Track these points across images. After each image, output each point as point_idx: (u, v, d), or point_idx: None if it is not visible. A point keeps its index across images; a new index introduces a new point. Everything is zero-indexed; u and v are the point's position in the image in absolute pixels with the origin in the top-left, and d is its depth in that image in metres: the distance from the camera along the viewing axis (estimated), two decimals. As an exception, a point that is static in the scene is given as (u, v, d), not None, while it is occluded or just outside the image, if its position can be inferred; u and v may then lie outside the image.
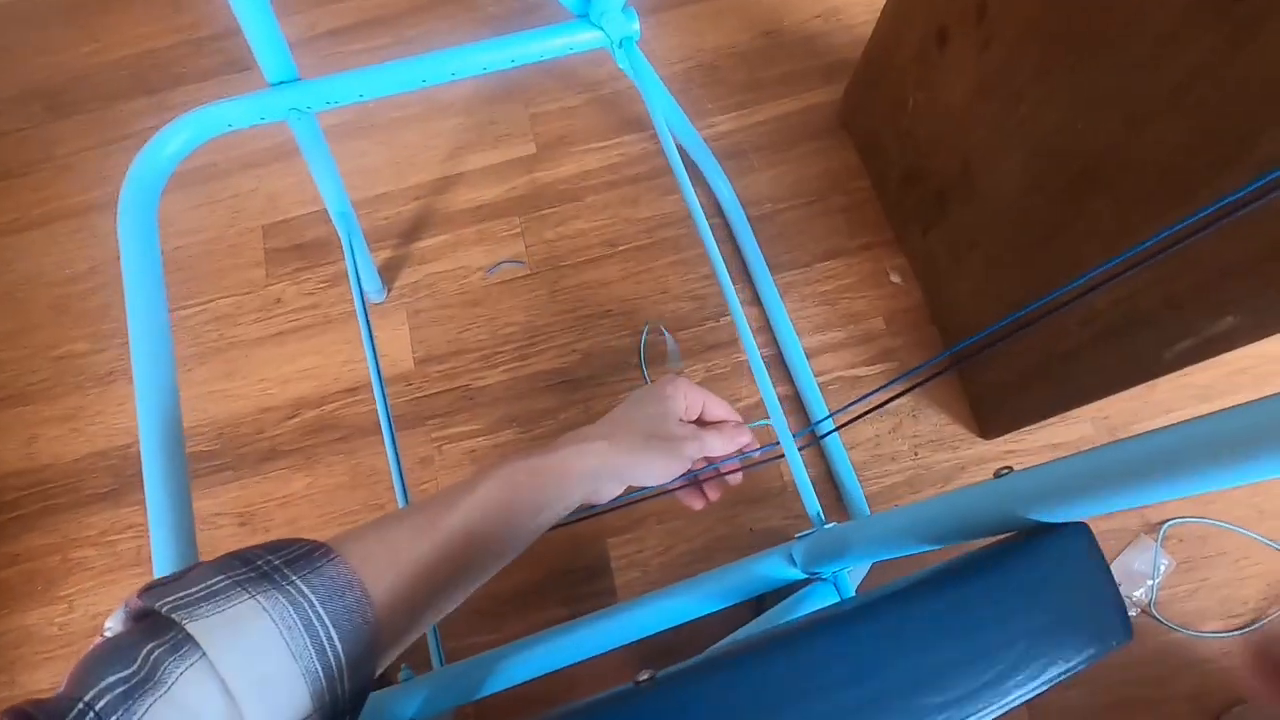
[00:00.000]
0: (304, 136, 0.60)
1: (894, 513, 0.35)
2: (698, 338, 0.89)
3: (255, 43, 0.50)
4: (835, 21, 1.04)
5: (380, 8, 1.09)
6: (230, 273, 0.96)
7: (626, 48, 0.58)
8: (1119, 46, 0.52)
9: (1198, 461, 0.21)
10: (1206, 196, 0.49)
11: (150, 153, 0.50)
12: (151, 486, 0.43)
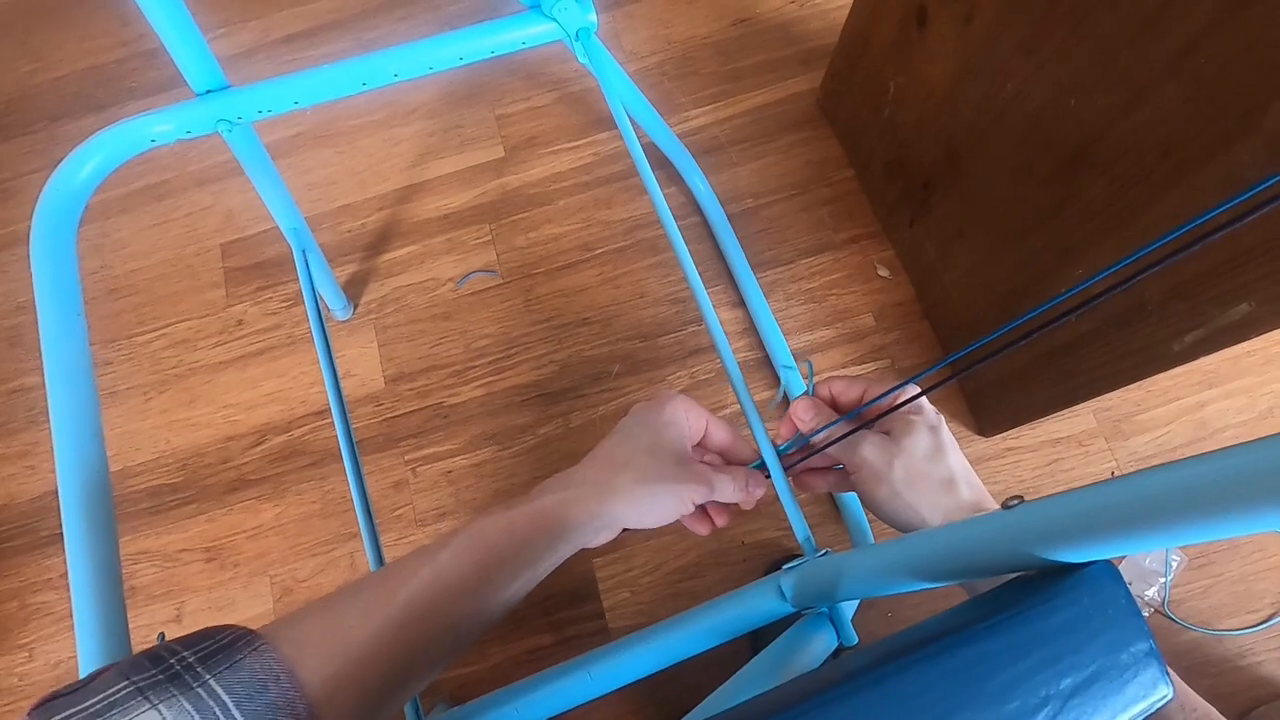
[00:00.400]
0: (241, 149, 0.56)
1: (890, 545, 0.32)
2: (680, 342, 0.85)
3: (172, 47, 0.46)
4: (810, 7, 1.00)
5: (336, 11, 1.04)
6: (188, 295, 0.91)
7: (584, 39, 0.54)
8: (1113, 14, 0.48)
9: (1240, 497, 0.18)
10: (1213, 173, 0.46)
11: (63, 176, 0.46)
12: (73, 547, 0.39)
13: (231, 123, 0.50)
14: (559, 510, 0.35)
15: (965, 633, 0.24)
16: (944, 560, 0.28)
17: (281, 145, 0.97)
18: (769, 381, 0.83)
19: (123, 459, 0.85)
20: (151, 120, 0.48)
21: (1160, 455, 0.78)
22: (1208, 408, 0.78)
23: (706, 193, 0.86)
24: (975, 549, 0.27)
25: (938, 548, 0.29)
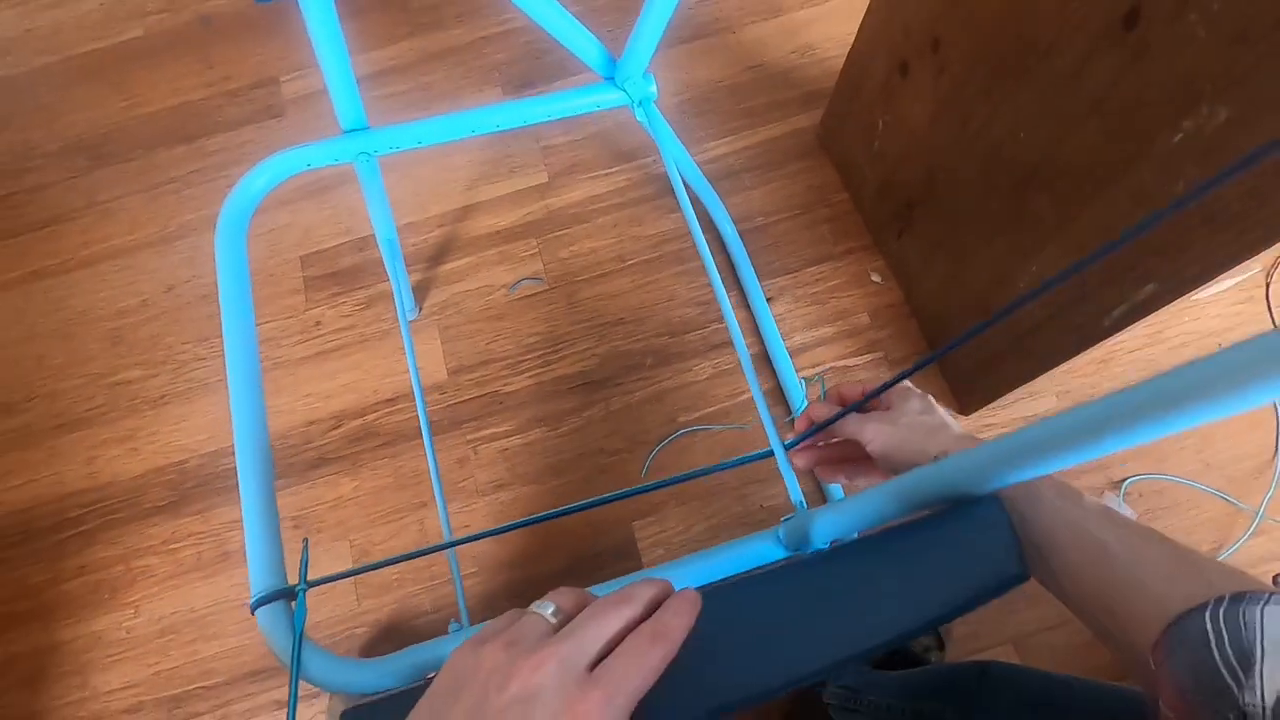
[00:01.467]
0: (366, 175, 0.70)
1: (857, 496, 0.42)
2: (704, 339, 0.99)
3: (336, 96, 0.60)
4: (810, 56, 1.17)
5: (394, 58, 1.20)
6: (272, 300, 1.04)
7: (645, 106, 0.69)
8: (1046, 67, 0.64)
9: (1077, 439, 0.27)
10: (1125, 186, 0.61)
11: (242, 187, 0.60)
12: (245, 485, 0.50)
13: (369, 155, 0.64)
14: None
15: (892, 536, 0.36)
16: (894, 502, 0.38)
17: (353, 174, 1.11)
18: (772, 370, 0.96)
19: (215, 441, 0.98)
20: (309, 150, 0.62)
21: (1113, 430, 0.91)
22: (1151, 390, 0.93)
23: (724, 216, 1.01)
24: (914, 492, 0.37)
25: (890, 493, 0.39)
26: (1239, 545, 0.84)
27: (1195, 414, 0.23)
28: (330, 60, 0.56)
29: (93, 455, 0.98)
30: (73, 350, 1.04)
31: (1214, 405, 0.22)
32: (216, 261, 0.58)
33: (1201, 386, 0.23)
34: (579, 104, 0.67)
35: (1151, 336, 0.94)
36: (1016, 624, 0.83)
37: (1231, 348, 0.22)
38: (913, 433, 0.45)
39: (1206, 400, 0.22)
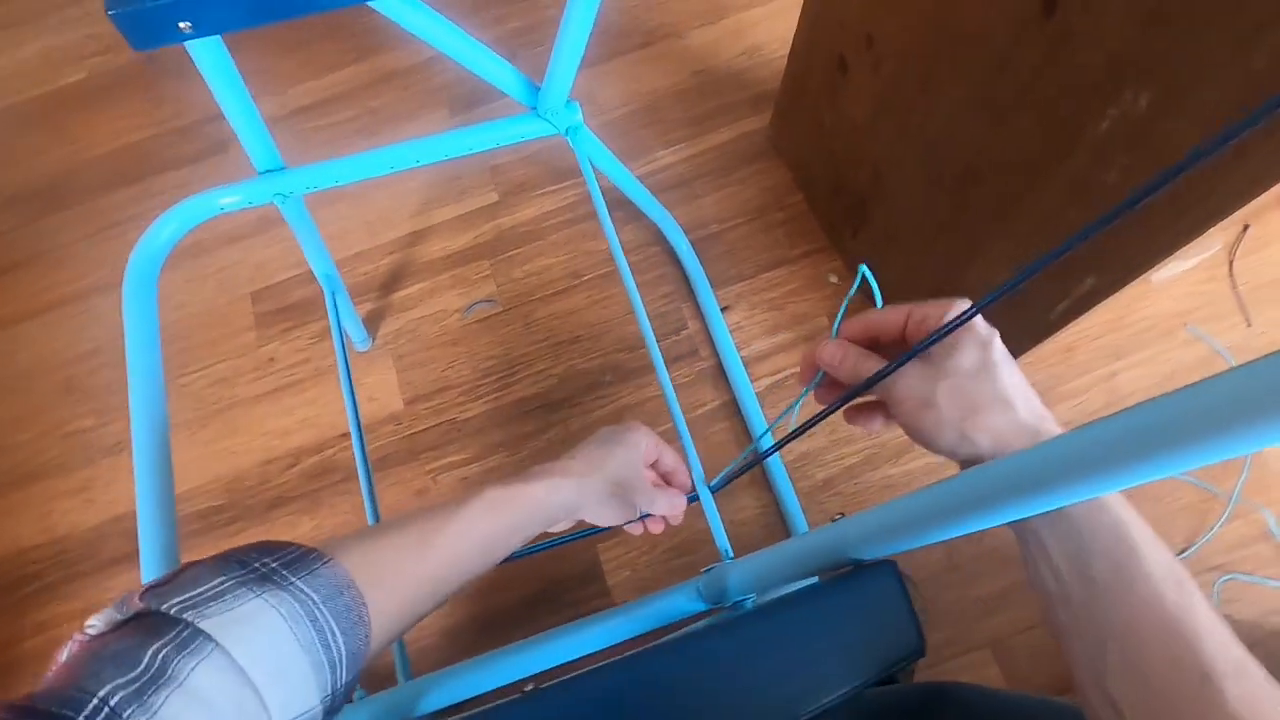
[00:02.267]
0: (290, 214, 0.68)
1: (760, 555, 0.41)
2: (663, 351, 0.96)
3: (245, 140, 0.58)
4: (757, 57, 1.15)
5: (342, 84, 1.18)
6: (225, 339, 1.03)
7: (573, 135, 0.67)
8: (975, 58, 0.62)
9: (971, 508, 0.27)
10: (1060, 176, 0.59)
11: (150, 237, 0.58)
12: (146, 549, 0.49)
13: (285, 196, 0.62)
14: (547, 491, 0.44)
15: (784, 607, 0.34)
16: (792, 565, 0.37)
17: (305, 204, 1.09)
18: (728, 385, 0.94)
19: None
20: (221, 193, 0.61)
21: (1081, 419, 0.88)
22: (1118, 376, 0.91)
23: (673, 228, 0.99)
24: (809, 556, 0.36)
25: (786, 556, 0.38)
26: (1214, 532, 0.82)
27: (1131, 471, 0.21)
28: (231, 103, 0.55)
29: (48, 509, 0.96)
30: (25, 403, 1.02)
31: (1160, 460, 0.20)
32: (124, 318, 0.56)
33: (1117, 445, 0.22)
34: (503, 136, 0.66)
35: (1114, 322, 0.93)
36: (993, 627, 0.81)
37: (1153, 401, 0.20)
38: (960, 410, 0.33)
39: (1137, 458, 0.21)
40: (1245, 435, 0.16)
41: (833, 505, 0.88)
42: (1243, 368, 0.16)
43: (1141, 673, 0.26)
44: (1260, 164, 0.44)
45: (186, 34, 0.47)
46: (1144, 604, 0.27)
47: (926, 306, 0.36)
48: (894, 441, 0.90)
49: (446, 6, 1.22)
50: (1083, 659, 0.28)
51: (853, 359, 0.37)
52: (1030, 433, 0.33)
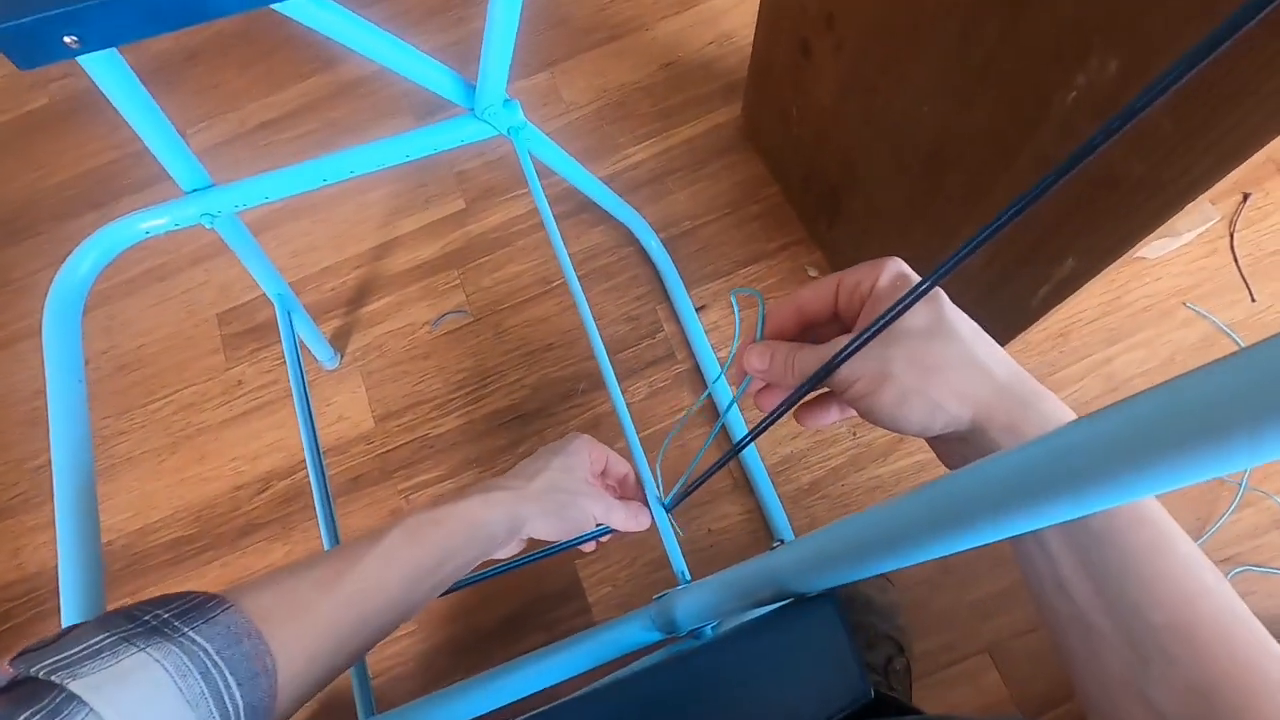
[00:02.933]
0: (227, 234, 0.65)
1: (706, 583, 0.38)
2: (637, 356, 0.93)
3: (163, 159, 0.55)
4: (727, 45, 1.11)
5: (303, 96, 1.15)
6: (191, 363, 1.00)
7: (515, 135, 0.63)
8: (935, 35, 0.58)
9: (949, 523, 0.21)
10: (1029, 154, 0.55)
11: (68, 271, 0.55)
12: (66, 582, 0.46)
13: (214, 215, 0.59)
14: (478, 509, 0.40)
15: (722, 644, 0.31)
16: (735, 596, 0.34)
17: (266, 219, 1.07)
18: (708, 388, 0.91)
19: (142, 518, 0.93)
20: (143, 216, 0.58)
21: (1079, 408, 0.84)
22: (1115, 361, 0.86)
23: (642, 228, 0.95)
24: (750, 587, 0.32)
25: (730, 586, 0.34)
26: (1224, 520, 0.78)
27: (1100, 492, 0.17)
28: (139, 119, 0.52)
29: (18, 546, 0.94)
30: (-7, 438, 1.00)
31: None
32: (45, 358, 0.53)
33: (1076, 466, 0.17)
34: (441, 141, 0.62)
35: (1109, 304, 0.88)
36: (991, 631, 0.77)
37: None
38: (923, 376, 0.28)
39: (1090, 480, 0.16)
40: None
41: (819, 509, 0.84)
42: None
43: (1202, 677, 0.22)
44: (1234, 137, 0.40)
45: (74, 50, 0.44)
46: (1196, 598, 0.24)
47: (855, 272, 0.32)
48: (880, 440, 0.86)
49: (409, 8, 1.19)
50: (1117, 675, 0.24)
51: (781, 358, 0.33)
52: (1015, 398, 0.28)
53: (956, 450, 0.31)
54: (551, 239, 0.59)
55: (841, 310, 0.33)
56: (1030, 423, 0.28)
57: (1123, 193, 0.48)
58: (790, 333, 0.35)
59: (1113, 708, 0.24)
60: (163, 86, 1.18)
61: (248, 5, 0.44)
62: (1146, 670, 0.23)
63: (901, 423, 0.30)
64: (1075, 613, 0.25)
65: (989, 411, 0.28)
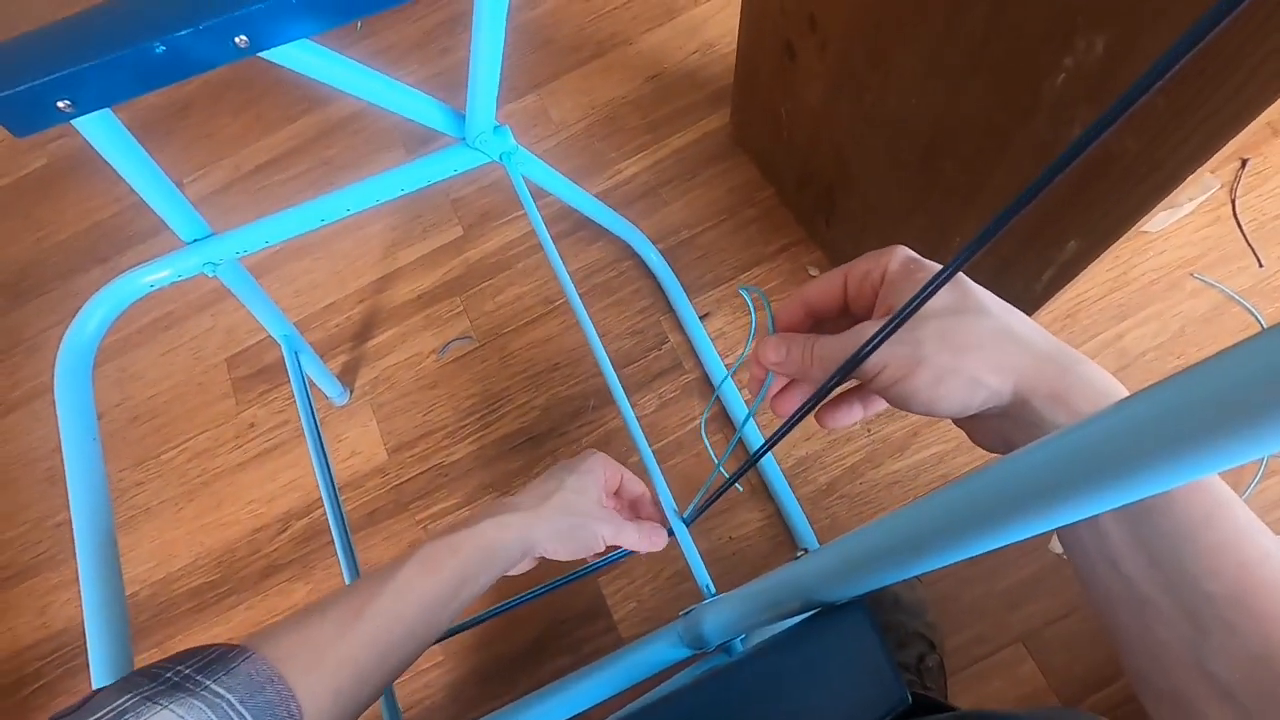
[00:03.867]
0: (229, 281, 0.66)
1: (732, 596, 0.38)
2: (644, 369, 0.93)
3: (162, 212, 0.56)
4: (711, 53, 1.12)
5: (295, 137, 1.17)
6: (202, 409, 1.01)
7: (507, 160, 0.64)
8: (921, 26, 0.58)
9: (951, 533, 0.21)
10: (1023, 141, 0.54)
11: (76, 330, 0.56)
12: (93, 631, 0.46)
13: (215, 264, 0.60)
14: (492, 530, 0.40)
15: (751, 662, 0.30)
16: (763, 608, 0.34)
17: (268, 261, 1.08)
18: (713, 398, 0.91)
19: (164, 567, 0.94)
20: (146, 270, 0.58)
21: (1093, 389, 0.84)
22: (1126, 337, 0.85)
23: (641, 241, 0.95)
24: (776, 598, 0.32)
25: (758, 598, 0.34)
26: (1251, 490, 0.77)
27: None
28: (137, 176, 0.52)
29: (44, 604, 0.94)
30: (12, 497, 1.01)
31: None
32: (59, 416, 0.54)
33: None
34: (434, 172, 0.63)
35: (1115, 281, 0.87)
36: (1022, 620, 0.76)
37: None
38: (958, 352, 0.27)
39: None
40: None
41: (839, 509, 0.83)
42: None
43: (1266, 645, 0.22)
44: (1227, 110, 0.39)
45: (69, 113, 0.45)
46: (1255, 565, 0.23)
47: (862, 263, 0.31)
48: (896, 434, 0.85)
49: (394, 44, 1.20)
50: (1174, 650, 0.23)
51: (799, 349, 0.31)
52: (1056, 364, 0.27)
53: (995, 428, 0.29)
54: (551, 259, 0.59)
55: (852, 302, 0.33)
56: (1074, 389, 0.26)
57: (1119, 172, 0.47)
58: (801, 329, 0.34)
59: (1170, 685, 0.24)
60: (158, 138, 1.20)
61: (231, 57, 0.45)
62: (1206, 642, 0.22)
63: (940, 404, 0.28)
64: (1128, 589, 0.24)
65: (1031, 381, 0.27)
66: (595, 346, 0.58)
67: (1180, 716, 0.23)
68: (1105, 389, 0.26)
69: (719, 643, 0.42)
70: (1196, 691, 0.22)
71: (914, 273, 0.30)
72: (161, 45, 0.44)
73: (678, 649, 0.46)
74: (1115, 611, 0.25)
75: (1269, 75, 0.38)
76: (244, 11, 0.44)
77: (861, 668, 0.28)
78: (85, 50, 0.43)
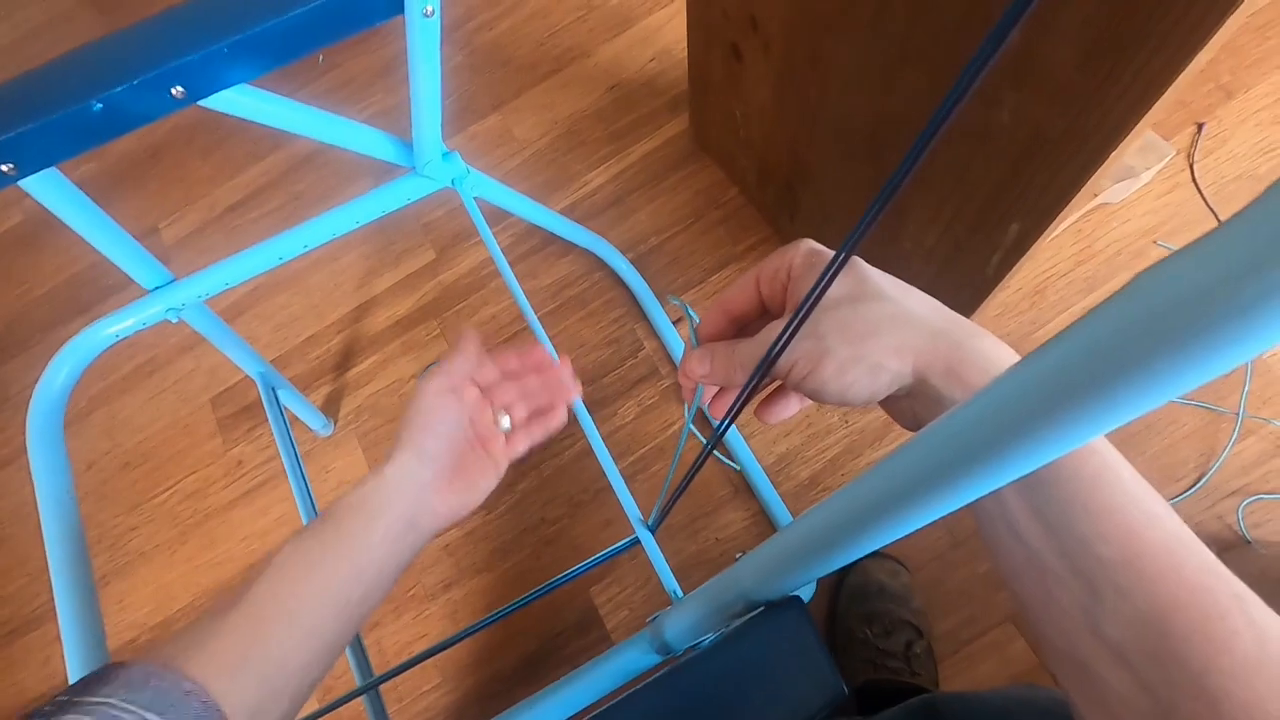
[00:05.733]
0: (197, 323, 0.67)
1: (687, 600, 0.38)
2: (621, 378, 0.94)
3: (119, 262, 0.57)
4: (668, 59, 1.13)
5: (265, 174, 1.18)
6: (191, 450, 1.02)
7: (459, 185, 0.65)
8: (851, 21, 0.59)
9: (853, 526, 0.22)
10: (956, 128, 0.55)
11: (44, 386, 0.57)
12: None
13: (179, 309, 0.60)
14: (348, 497, 0.37)
15: (693, 663, 0.31)
16: (713, 611, 0.34)
17: (245, 300, 1.09)
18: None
19: (163, 610, 0.94)
20: (109, 321, 0.59)
21: (1065, 363, 0.85)
22: (1095, 310, 0.86)
23: (609, 252, 0.96)
24: (720, 601, 0.33)
25: (705, 602, 0.35)
26: (1228, 452, 0.77)
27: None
28: (90, 230, 0.53)
29: (48, 655, 0.95)
30: (10, 553, 1.01)
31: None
32: (32, 468, 0.55)
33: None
34: (387, 203, 0.64)
35: (1080, 254, 0.88)
36: (1008, 599, 0.76)
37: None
38: (856, 343, 0.28)
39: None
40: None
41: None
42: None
43: (1153, 606, 0.22)
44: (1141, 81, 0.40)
45: (12, 176, 0.46)
46: (1143, 528, 0.23)
47: (770, 261, 0.32)
48: (874, 424, 0.86)
49: (356, 76, 1.21)
50: (1071, 614, 0.24)
51: (721, 357, 0.32)
52: (950, 340, 0.27)
53: (906, 408, 0.30)
54: (507, 281, 0.60)
55: (767, 301, 0.33)
56: (967, 362, 0.27)
57: (1048, 151, 0.48)
58: (726, 335, 0.34)
59: (1070, 647, 0.24)
60: (131, 185, 1.21)
61: (169, 108, 0.46)
62: (1099, 605, 0.23)
63: (849, 393, 0.29)
64: (1028, 555, 0.25)
65: (928, 359, 0.27)
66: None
67: (1080, 680, 0.24)
68: (997, 359, 0.27)
69: (684, 647, 0.43)
70: (1093, 654, 0.23)
71: (816, 265, 0.30)
72: (99, 103, 0.45)
73: (648, 656, 0.46)
74: (1019, 578, 0.26)
75: (1176, 46, 0.38)
76: (177, 63, 0.45)
77: (798, 663, 0.29)
78: (23, 113, 0.44)
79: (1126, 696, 0.22)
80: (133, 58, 0.46)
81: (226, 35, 0.45)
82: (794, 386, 0.30)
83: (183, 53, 0.45)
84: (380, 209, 0.63)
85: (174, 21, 0.50)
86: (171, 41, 0.47)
